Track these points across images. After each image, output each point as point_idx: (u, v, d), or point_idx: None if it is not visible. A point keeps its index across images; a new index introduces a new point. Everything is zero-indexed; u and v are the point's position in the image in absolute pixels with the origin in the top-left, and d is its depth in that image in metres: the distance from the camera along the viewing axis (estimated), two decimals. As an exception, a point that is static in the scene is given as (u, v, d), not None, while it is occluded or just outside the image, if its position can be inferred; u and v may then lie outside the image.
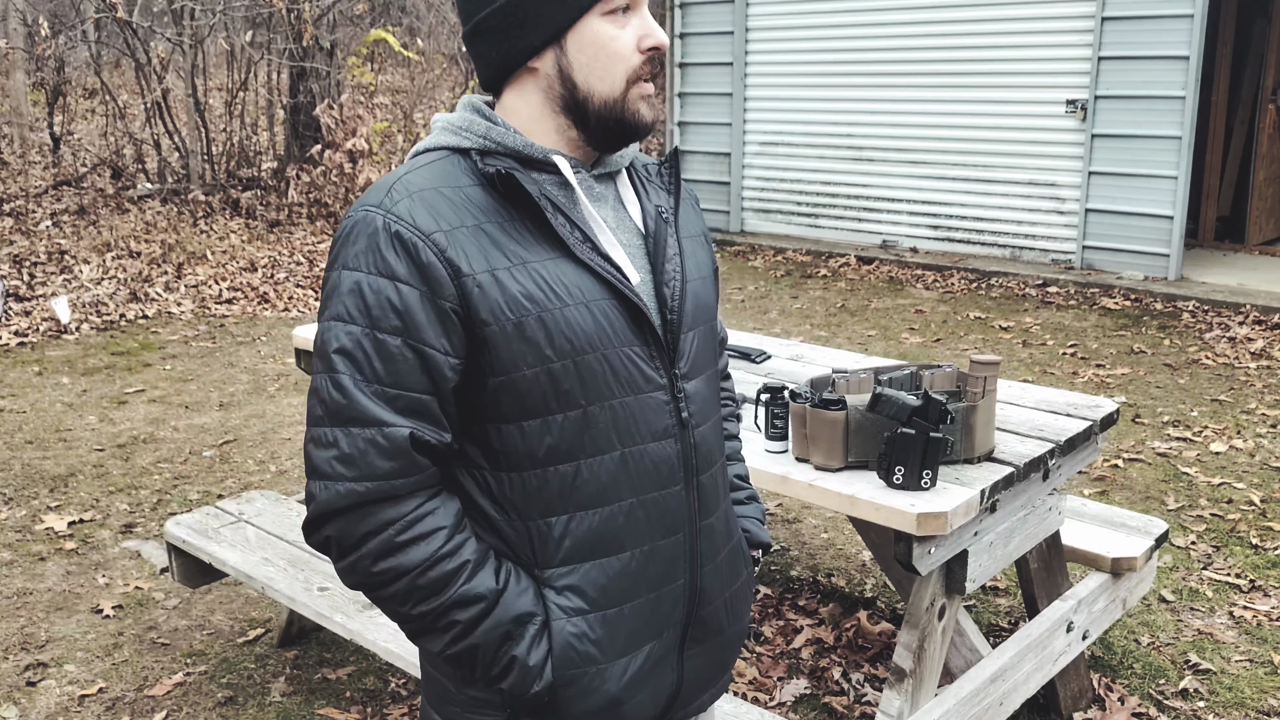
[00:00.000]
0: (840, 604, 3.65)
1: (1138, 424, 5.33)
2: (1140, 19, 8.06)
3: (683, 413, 1.36)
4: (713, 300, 1.47)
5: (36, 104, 12.71)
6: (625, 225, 1.39)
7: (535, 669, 1.30)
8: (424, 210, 1.25)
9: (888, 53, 9.50)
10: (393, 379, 1.23)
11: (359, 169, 9.68)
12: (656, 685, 1.41)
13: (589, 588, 1.32)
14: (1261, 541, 4.06)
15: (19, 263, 7.99)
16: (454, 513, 1.29)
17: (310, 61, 10.27)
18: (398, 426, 1.23)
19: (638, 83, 1.32)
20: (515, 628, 1.29)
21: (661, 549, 1.36)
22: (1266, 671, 3.23)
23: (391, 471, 1.23)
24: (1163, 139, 8.09)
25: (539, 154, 1.32)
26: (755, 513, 1.62)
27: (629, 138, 1.36)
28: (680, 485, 1.37)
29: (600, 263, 1.31)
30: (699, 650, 1.45)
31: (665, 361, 1.35)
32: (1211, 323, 7.25)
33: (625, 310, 1.31)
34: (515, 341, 1.24)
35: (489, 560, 1.30)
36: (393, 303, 1.22)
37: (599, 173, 1.40)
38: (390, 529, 1.24)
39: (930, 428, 2.20)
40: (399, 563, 1.24)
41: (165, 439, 5.18)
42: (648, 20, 1.32)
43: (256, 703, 3.11)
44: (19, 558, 3.98)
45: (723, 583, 1.46)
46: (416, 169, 1.31)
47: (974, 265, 8.88)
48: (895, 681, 2.39)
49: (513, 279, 1.25)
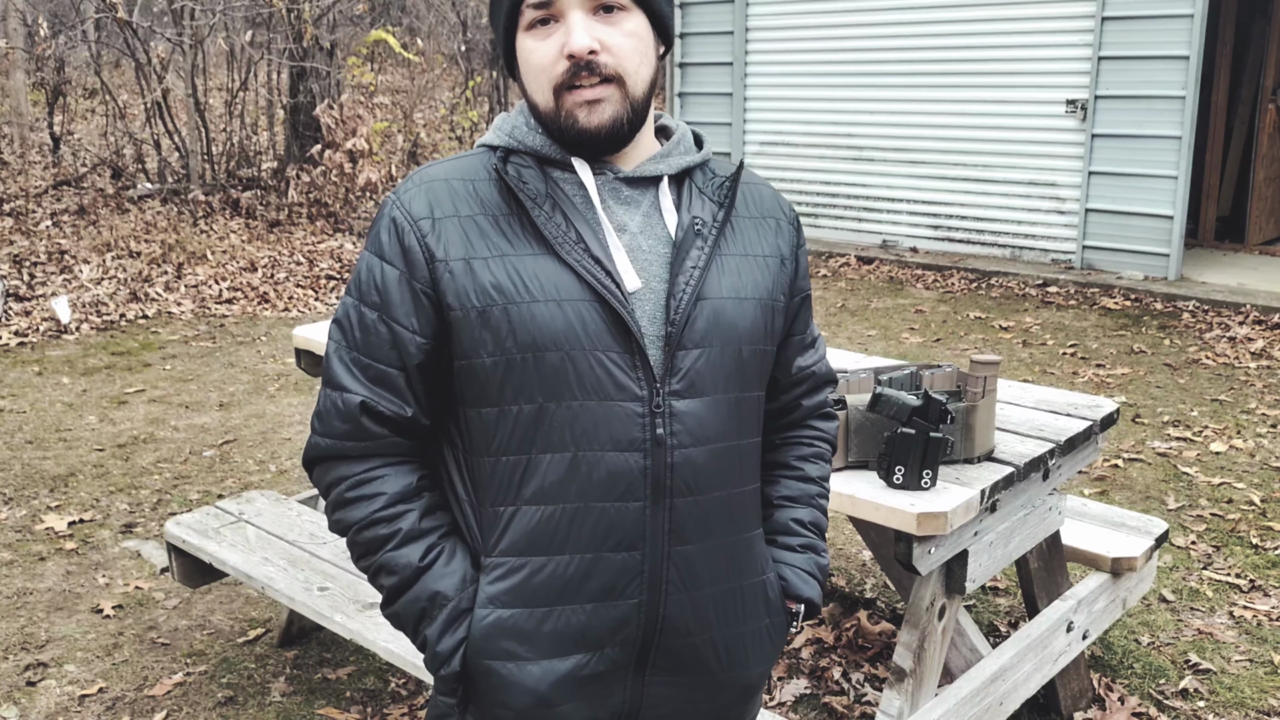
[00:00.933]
0: (840, 604, 3.65)
1: (1138, 424, 5.33)
2: (1140, 19, 8.06)
3: (659, 429, 1.30)
4: (747, 323, 1.37)
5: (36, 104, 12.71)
6: (654, 233, 1.36)
7: (444, 653, 1.33)
8: (423, 198, 1.33)
9: (888, 53, 9.50)
10: (366, 350, 1.34)
11: (359, 169, 9.68)
12: (596, 701, 1.37)
13: (524, 583, 1.32)
14: (1261, 541, 4.06)
15: (19, 263, 7.99)
16: (403, 484, 1.35)
17: (310, 61, 10.27)
18: (353, 393, 1.33)
19: (567, 90, 1.30)
20: (430, 607, 1.33)
21: (609, 561, 1.32)
22: (1266, 671, 3.23)
23: (345, 433, 1.35)
24: (1163, 139, 8.09)
25: (557, 154, 1.35)
26: (803, 563, 1.50)
27: (587, 144, 1.33)
28: (644, 502, 1.31)
29: (587, 264, 1.29)
30: (666, 680, 1.39)
31: (648, 374, 1.30)
32: (1211, 323, 7.25)
33: (606, 314, 1.29)
34: (477, 329, 1.29)
35: (425, 537, 1.35)
36: (376, 280, 1.33)
37: (634, 177, 1.37)
38: (343, 484, 1.36)
39: (930, 428, 2.21)
40: (345, 516, 1.36)
41: (165, 439, 5.18)
42: (571, 26, 1.29)
43: (256, 703, 3.11)
44: (19, 558, 3.98)
45: (708, 619, 1.38)
46: (447, 161, 1.40)
47: (974, 265, 8.88)
48: (895, 681, 2.39)
49: (487, 269, 1.30)
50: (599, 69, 1.29)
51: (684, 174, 1.41)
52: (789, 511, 1.52)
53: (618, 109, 1.31)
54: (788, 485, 1.53)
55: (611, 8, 1.31)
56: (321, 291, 8.20)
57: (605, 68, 1.30)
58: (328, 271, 8.56)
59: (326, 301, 8.02)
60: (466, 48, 14.65)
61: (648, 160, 1.39)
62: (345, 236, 9.54)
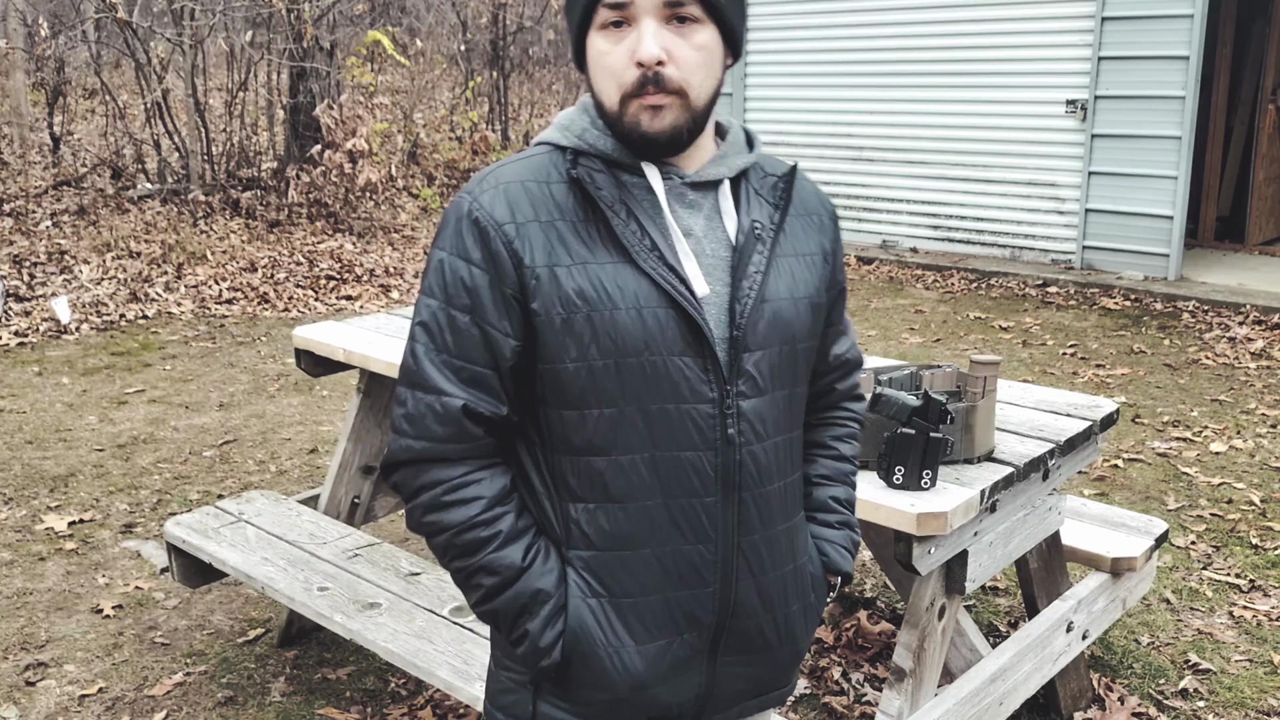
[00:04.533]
0: (840, 604, 3.65)
1: (1138, 424, 5.33)
2: (1140, 19, 8.06)
3: (729, 429, 1.37)
4: (801, 321, 1.43)
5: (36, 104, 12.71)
6: (716, 236, 1.40)
7: (545, 647, 1.38)
8: (503, 202, 1.35)
9: (888, 53, 9.50)
10: (459, 351, 1.35)
11: (359, 169, 9.67)
12: (679, 683, 1.43)
13: (606, 575, 1.38)
14: (1261, 541, 4.06)
15: (19, 263, 7.99)
16: (499, 487, 1.39)
17: (310, 61, 10.28)
18: (454, 396, 1.35)
19: (635, 97, 1.33)
20: (532, 603, 1.37)
21: (686, 553, 1.38)
22: (1266, 671, 3.23)
23: (445, 436, 1.36)
24: (1162, 139, 8.10)
25: (628, 159, 1.38)
26: (841, 539, 1.57)
27: (646, 147, 1.36)
28: (716, 497, 1.38)
29: (662, 271, 1.34)
30: (736, 660, 1.46)
31: (719, 376, 1.36)
32: (1211, 323, 7.25)
33: (681, 320, 1.34)
34: (562, 335, 1.33)
35: (523, 537, 1.38)
36: (465, 283, 1.34)
37: (697, 180, 1.40)
38: (439, 488, 1.37)
39: (930, 428, 2.21)
40: (441, 519, 1.37)
41: (165, 439, 5.18)
42: (643, 34, 1.31)
43: (256, 703, 3.11)
44: (19, 558, 3.98)
45: (772, 601, 1.46)
46: (515, 160, 1.40)
47: (974, 265, 8.88)
48: (895, 681, 2.39)
49: (570, 276, 1.33)
50: (664, 82, 1.32)
51: (739, 175, 1.44)
52: (827, 489, 1.59)
53: (678, 116, 1.34)
54: (825, 464, 1.60)
55: (685, 19, 1.32)
56: (321, 292, 8.20)
57: (670, 81, 1.32)
58: (328, 272, 8.56)
59: (326, 302, 8.02)
60: (466, 48, 14.65)
61: (709, 164, 1.42)
62: (345, 237, 9.54)
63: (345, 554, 3.07)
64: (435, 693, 3.14)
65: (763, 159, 1.48)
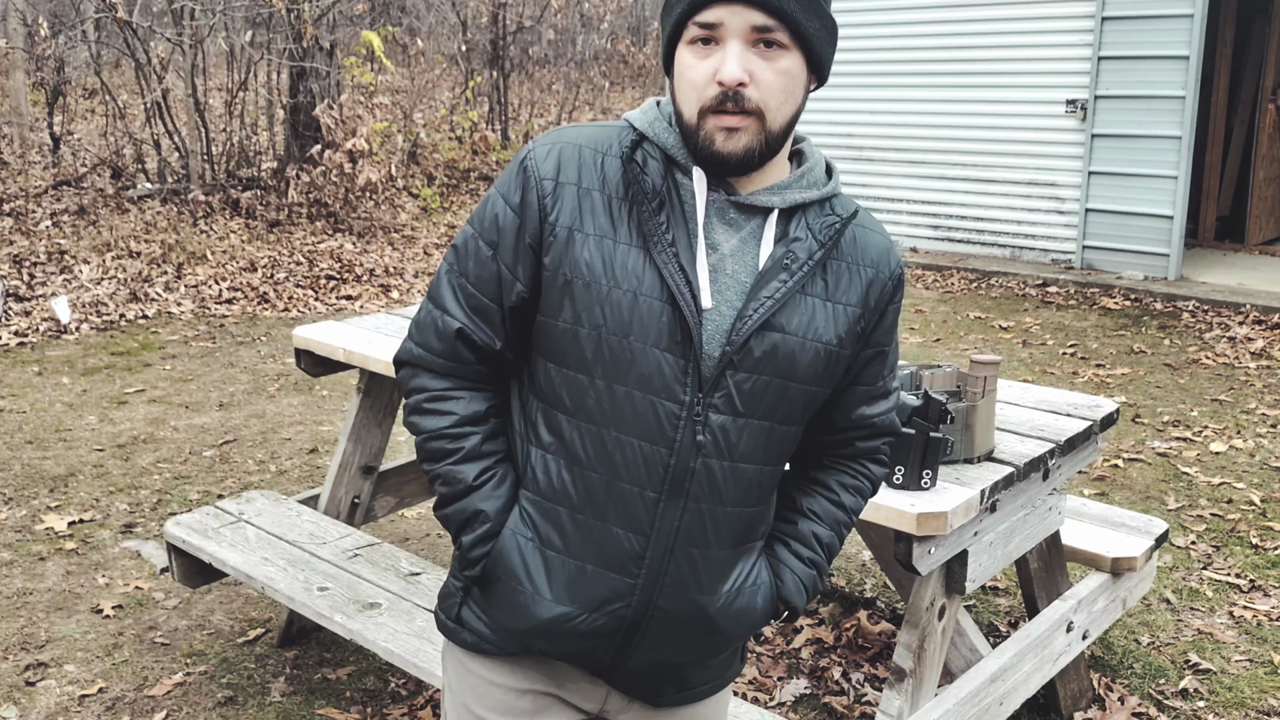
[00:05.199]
0: (840, 604, 3.65)
1: (1138, 424, 5.33)
2: (1140, 19, 8.06)
3: (698, 436, 1.38)
4: (807, 363, 1.41)
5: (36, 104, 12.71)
6: (744, 260, 1.40)
7: (472, 560, 1.48)
8: (554, 158, 1.42)
9: (888, 52, 9.50)
10: (475, 280, 1.45)
11: (359, 169, 9.67)
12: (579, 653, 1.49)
13: (542, 523, 1.45)
14: (1261, 541, 4.06)
15: (19, 263, 7.99)
16: (474, 409, 1.48)
17: (310, 61, 10.28)
18: (455, 318, 1.46)
19: (712, 114, 1.34)
20: (473, 520, 1.47)
21: (615, 537, 1.42)
22: (1266, 671, 3.23)
23: (439, 350, 1.47)
24: (1162, 139, 8.10)
25: (682, 158, 1.41)
26: (804, 575, 1.55)
27: (713, 165, 1.38)
28: (658, 495, 1.40)
29: (672, 268, 1.36)
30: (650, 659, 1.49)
31: (696, 381, 1.37)
32: (1211, 323, 7.25)
33: (675, 318, 1.37)
34: (561, 294, 1.39)
35: (483, 460, 1.47)
36: (498, 220, 1.44)
37: (745, 202, 1.41)
38: (424, 394, 1.49)
39: (930, 428, 2.20)
40: (419, 422, 1.49)
41: (165, 439, 5.18)
42: (727, 53, 1.33)
43: (256, 703, 3.11)
44: (19, 558, 3.98)
45: (700, 620, 1.46)
46: (589, 126, 1.48)
47: (974, 265, 8.88)
48: (895, 681, 2.39)
49: (585, 245, 1.38)
50: (743, 102, 1.33)
51: (798, 207, 1.43)
52: (811, 525, 1.57)
53: (751, 140, 1.35)
54: (820, 503, 1.58)
55: (772, 44, 1.34)
56: (321, 291, 8.20)
57: (749, 102, 1.33)
58: (328, 271, 8.55)
59: (326, 301, 8.02)
60: (466, 47, 14.65)
61: (763, 189, 1.42)
62: (345, 236, 9.54)
63: (345, 554, 3.07)
64: (435, 693, 3.14)
65: (836, 200, 1.46)
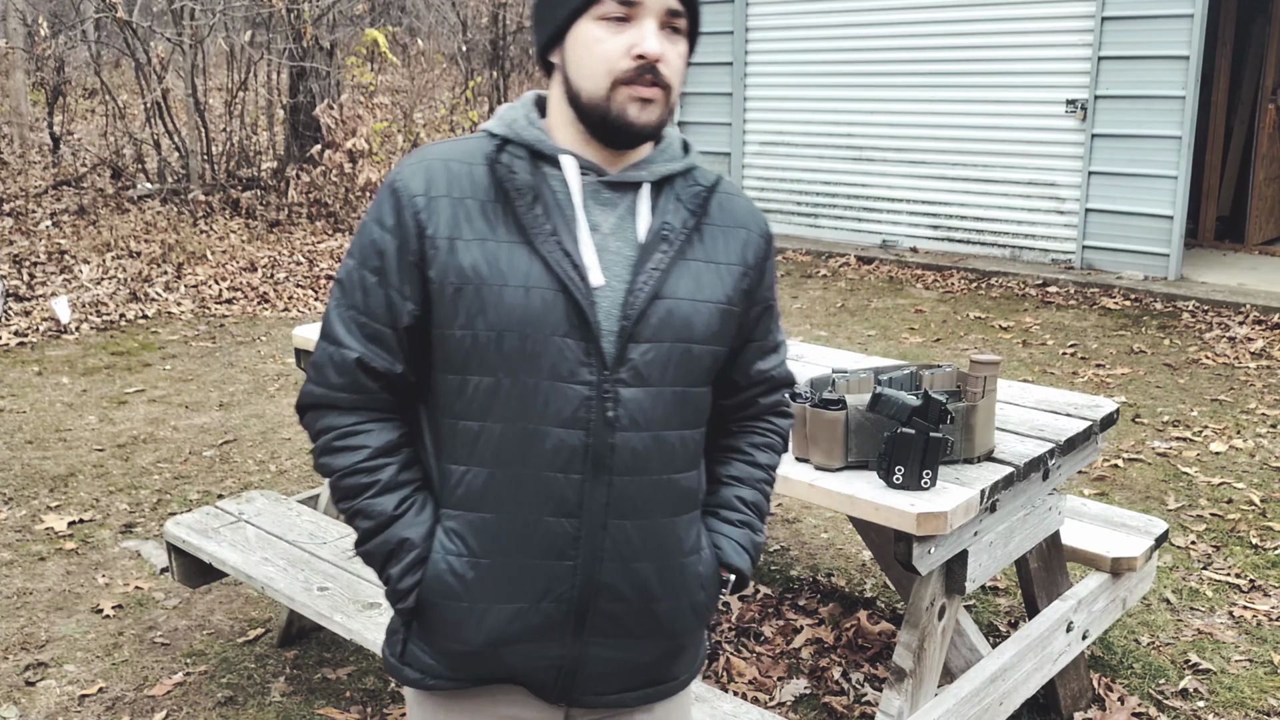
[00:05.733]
0: (840, 604, 3.65)
1: (1138, 424, 5.33)
2: (1140, 19, 8.06)
3: (608, 412, 1.42)
4: (702, 324, 1.47)
5: (36, 104, 12.70)
6: (625, 235, 1.47)
7: (403, 591, 1.48)
8: (422, 176, 1.45)
9: (888, 53, 9.50)
10: (365, 309, 1.46)
11: (359, 169, 9.67)
12: (535, 651, 1.48)
13: (471, 535, 1.46)
14: (1261, 541, 4.06)
15: (19, 263, 7.99)
16: (386, 439, 1.49)
17: (310, 61, 10.27)
18: (351, 349, 1.46)
19: (626, 85, 1.41)
20: (398, 550, 1.48)
21: (550, 525, 1.44)
22: (1266, 671, 3.23)
23: (340, 385, 1.47)
24: (1163, 139, 8.10)
25: (548, 150, 1.46)
26: (740, 537, 1.61)
27: (621, 136, 1.44)
28: (582, 476, 1.44)
29: (557, 256, 1.41)
30: (604, 642, 1.50)
31: (600, 361, 1.42)
32: (1211, 323, 7.25)
33: (568, 304, 1.41)
34: (452, 303, 1.42)
35: (401, 489, 1.48)
36: (377, 246, 1.45)
37: (616, 180, 1.47)
38: (332, 433, 1.49)
39: (930, 428, 2.21)
40: (330, 462, 1.49)
41: (165, 439, 5.18)
42: (645, 32, 1.41)
43: (256, 703, 3.11)
44: (19, 558, 3.98)
45: (644, 590, 1.49)
46: (450, 142, 1.50)
47: (974, 265, 8.88)
48: (895, 681, 2.39)
49: (468, 250, 1.41)
50: (659, 76, 1.42)
51: (665, 180, 1.50)
52: (734, 489, 1.64)
53: (661, 113, 1.45)
54: (737, 466, 1.65)
55: (674, 29, 1.45)
56: (321, 291, 8.20)
57: (663, 77, 1.43)
58: (328, 271, 8.56)
59: (326, 302, 8.01)
60: (466, 48, 14.65)
61: (631, 166, 1.49)
62: (345, 236, 9.54)
63: (345, 554, 3.07)
64: (435, 693, 3.14)
65: (696, 170, 1.54)
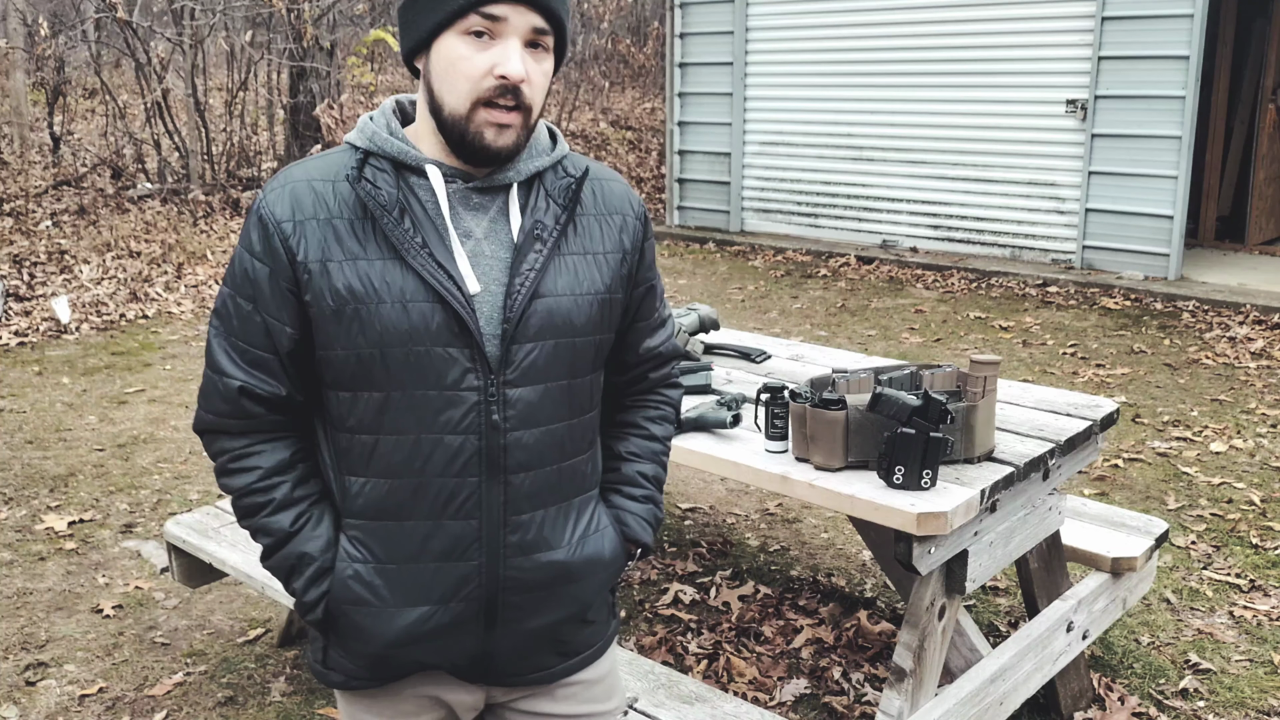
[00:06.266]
0: (840, 604, 3.65)
1: (1138, 424, 5.33)
2: (1140, 19, 8.06)
3: (494, 415, 1.44)
4: (583, 317, 1.49)
5: (36, 104, 12.70)
6: (498, 238, 1.47)
7: (310, 603, 1.51)
8: (287, 200, 1.44)
9: (888, 53, 9.50)
10: (243, 336, 1.47)
11: (359, 169, 9.67)
12: (447, 647, 1.53)
13: (373, 542, 1.49)
14: (1261, 541, 4.06)
15: (19, 263, 7.99)
16: (277, 459, 1.50)
17: (310, 61, 10.28)
18: (233, 378, 1.47)
19: (485, 107, 1.40)
20: (299, 564, 1.51)
21: (449, 528, 1.47)
22: (1266, 671, 3.23)
23: (226, 412, 1.49)
24: (1163, 139, 8.09)
25: (412, 160, 1.45)
26: (643, 512, 1.66)
27: (479, 157, 1.43)
28: (478, 478, 1.46)
29: (430, 268, 1.41)
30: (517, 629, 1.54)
31: (484, 366, 1.43)
32: (1211, 322, 7.25)
33: (447, 314, 1.41)
34: (332, 325, 1.42)
35: (296, 506, 1.51)
36: (249, 274, 1.45)
37: (484, 185, 1.47)
38: (225, 456, 1.52)
39: (930, 428, 2.20)
40: (227, 483, 1.53)
41: (165, 439, 5.19)
42: (509, 52, 1.38)
43: (256, 702, 3.11)
44: (19, 558, 3.98)
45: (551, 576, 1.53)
46: (312, 159, 1.49)
47: (974, 265, 8.88)
48: (895, 681, 2.39)
49: (341, 271, 1.41)
50: (520, 97, 1.40)
51: (534, 176, 1.50)
52: (634, 465, 1.68)
53: (518, 136, 1.43)
54: (634, 443, 1.69)
55: (539, 46, 1.42)
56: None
57: (524, 98, 1.41)
58: (328, 271, 8.55)
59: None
60: (466, 48, 14.63)
61: (497, 169, 1.48)
62: (345, 236, 9.53)
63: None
64: (435, 693, 3.14)
65: (566, 160, 1.54)
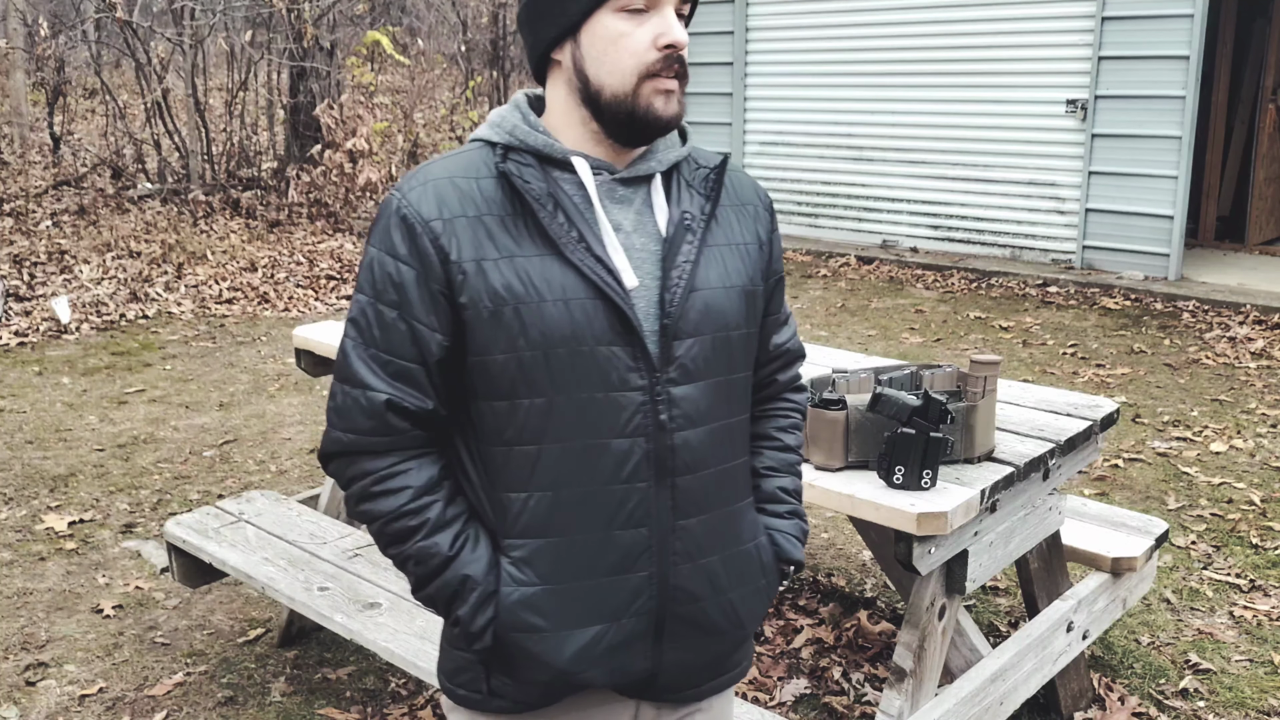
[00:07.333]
0: (840, 604, 3.65)
1: (1138, 424, 5.33)
2: (1140, 19, 8.06)
3: (661, 415, 1.39)
4: (734, 309, 1.45)
5: (36, 104, 12.70)
6: (646, 229, 1.43)
7: (476, 632, 1.40)
8: (431, 198, 1.36)
9: (888, 53, 9.50)
10: (387, 346, 1.37)
11: (359, 169, 9.67)
12: (619, 667, 1.44)
13: (539, 562, 1.40)
14: (1261, 541, 4.06)
15: (19, 263, 7.99)
16: (426, 477, 1.41)
17: (310, 61, 10.28)
18: (379, 391, 1.37)
19: (652, 78, 1.36)
20: (462, 590, 1.40)
21: (619, 539, 1.40)
22: (1266, 671, 3.23)
23: (370, 429, 1.39)
24: (1163, 139, 8.09)
25: (558, 154, 1.40)
26: (791, 529, 1.60)
27: (646, 132, 1.39)
28: (649, 483, 1.40)
29: (590, 263, 1.36)
30: (683, 645, 1.47)
31: (648, 364, 1.38)
32: (1211, 322, 7.25)
33: (610, 311, 1.36)
34: (490, 327, 1.34)
35: (452, 526, 1.41)
36: (393, 279, 1.36)
37: (628, 176, 1.43)
38: (368, 479, 1.40)
39: (930, 428, 2.20)
40: (371, 509, 1.41)
41: (165, 439, 5.18)
42: (668, 19, 1.36)
43: (256, 703, 3.11)
44: (19, 558, 3.98)
45: (717, 584, 1.47)
46: (446, 158, 1.43)
47: (974, 265, 8.88)
48: (895, 681, 2.39)
49: (497, 270, 1.34)
50: (683, 65, 1.38)
51: (672, 168, 1.47)
52: (774, 480, 1.61)
53: (682, 103, 1.41)
54: (771, 456, 1.62)
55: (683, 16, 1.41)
56: (321, 291, 8.20)
57: (685, 65, 1.39)
58: (328, 271, 8.55)
59: (326, 301, 8.02)
60: (466, 48, 14.65)
61: (638, 159, 1.45)
62: (345, 236, 9.54)
63: (345, 554, 3.07)
64: (435, 692, 3.14)
65: (695, 152, 1.51)
